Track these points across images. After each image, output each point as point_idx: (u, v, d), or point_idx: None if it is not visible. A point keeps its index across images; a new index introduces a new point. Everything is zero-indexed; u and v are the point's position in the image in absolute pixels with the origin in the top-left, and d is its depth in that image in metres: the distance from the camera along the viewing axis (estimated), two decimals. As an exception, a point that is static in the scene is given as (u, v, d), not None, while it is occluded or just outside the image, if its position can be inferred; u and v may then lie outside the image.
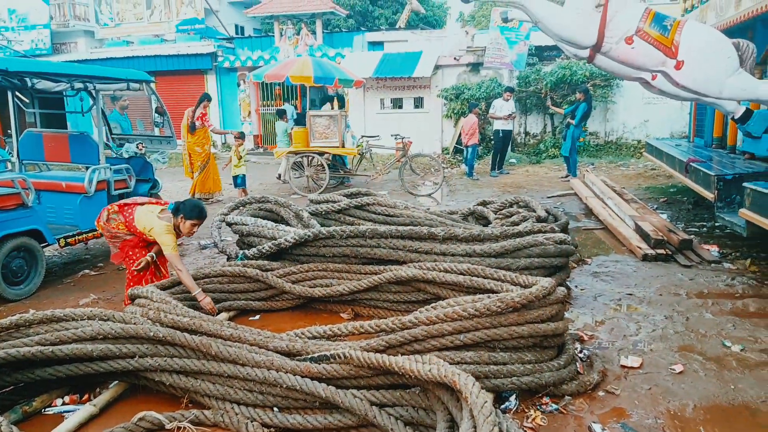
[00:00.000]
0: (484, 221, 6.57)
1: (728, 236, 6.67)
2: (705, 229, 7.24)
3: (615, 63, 6.23)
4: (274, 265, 4.73)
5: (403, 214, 5.94)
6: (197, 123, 9.55)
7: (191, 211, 4.32)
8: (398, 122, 15.88)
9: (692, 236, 6.51)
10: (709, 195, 6.24)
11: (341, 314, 4.53)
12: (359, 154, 10.56)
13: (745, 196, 5.02)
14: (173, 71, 18.78)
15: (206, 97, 9.79)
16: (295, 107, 15.15)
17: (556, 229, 5.00)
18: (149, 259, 4.47)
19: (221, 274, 4.57)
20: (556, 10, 4.70)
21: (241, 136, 9.70)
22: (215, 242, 5.40)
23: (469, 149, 11.95)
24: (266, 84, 17.84)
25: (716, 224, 7.28)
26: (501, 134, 12.35)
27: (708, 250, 6.17)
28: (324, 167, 10.36)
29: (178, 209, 4.33)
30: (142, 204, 4.56)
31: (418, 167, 10.89)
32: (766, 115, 6.25)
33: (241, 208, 5.96)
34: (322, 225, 5.44)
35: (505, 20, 6.53)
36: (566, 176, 11.34)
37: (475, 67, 15.97)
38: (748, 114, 6.19)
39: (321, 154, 10.37)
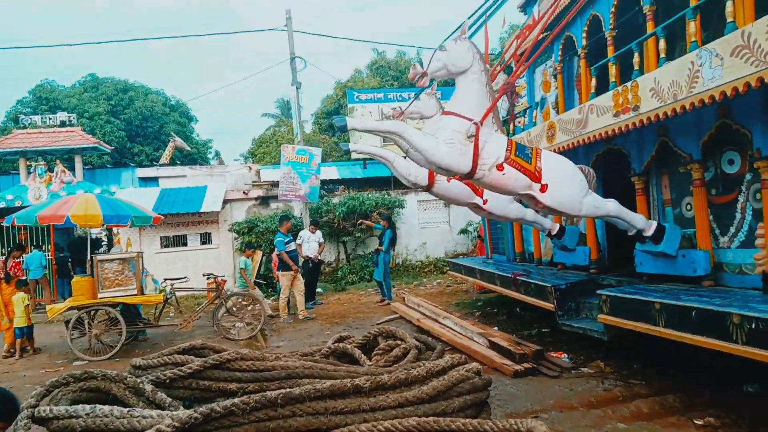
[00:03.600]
0: (348, 359, 6.00)
1: (557, 341, 7.24)
2: (533, 337, 7.76)
3: (450, 191, 6.63)
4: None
5: (275, 366, 5.04)
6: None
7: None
8: (183, 261, 14.60)
9: (540, 347, 6.87)
10: (548, 305, 6.74)
11: None
12: (164, 300, 9.06)
13: (601, 303, 5.50)
14: None
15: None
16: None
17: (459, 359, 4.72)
18: None
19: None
20: (436, 142, 4.77)
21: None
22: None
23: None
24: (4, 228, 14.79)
25: (543, 330, 7.94)
26: (311, 264, 12.05)
27: (557, 357, 6.55)
28: (119, 321, 8.55)
29: None
30: None
31: (233, 307, 9.79)
32: (576, 230, 7.22)
33: (55, 391, 4.34)
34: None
35: (347, 152, 6.51)
36: (382, 300, 11.43)
37: (265, 200, 15.79)
38: (562, 230, 7.08)
39: (114, 305, 8.59)
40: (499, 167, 4.88)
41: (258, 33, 38.73)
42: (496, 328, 8.18)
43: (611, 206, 5.21)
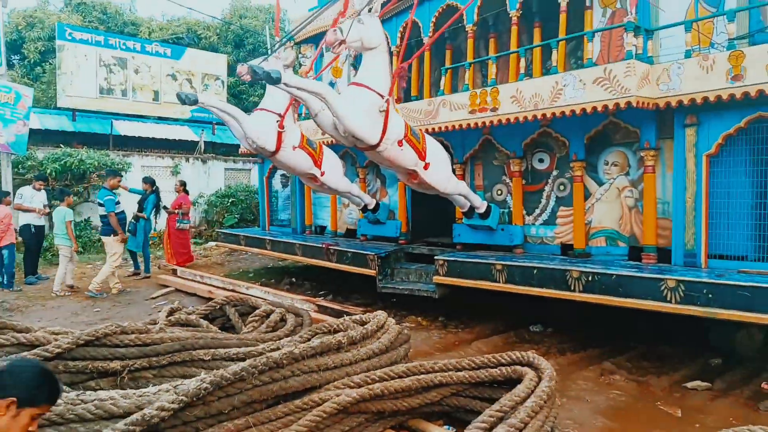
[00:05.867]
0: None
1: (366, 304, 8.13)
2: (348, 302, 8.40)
3: (292, 162, 6.90)
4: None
5: (164, 339, 4.51)
6: None
7: (36, 387, 2.12)
8: None
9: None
10: (369, 272, 7.51)
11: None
12: None
13: (437, 266, 6.55)
14: None
15: None
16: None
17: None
18: None
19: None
20: (354, 110, 5.01)
21: None
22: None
23: (4, 252, 9.02)
24: None
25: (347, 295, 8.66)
26: (33, 230, 9.90)
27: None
28: None
29: None
30: None
31: None
32: (387, 206, 8.20)
33: None
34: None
35: (189, 101, 6.09)
36: (136, 273, 10.28)
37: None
38: (377, 206, 7.99)
39: None
40: (399, 143, 5.43)
41: None
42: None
43: (463, 186, 6.32)
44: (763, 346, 5.40)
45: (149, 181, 10.66)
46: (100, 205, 9.11)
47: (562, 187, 6.36)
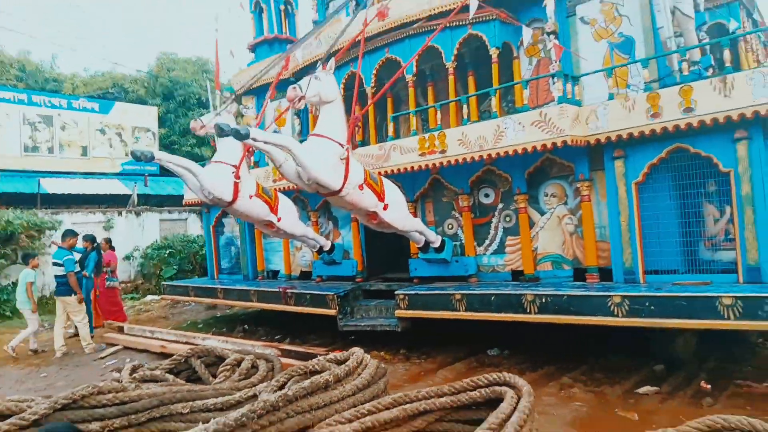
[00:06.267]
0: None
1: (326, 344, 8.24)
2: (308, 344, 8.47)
3: (249, 210, 7.10)
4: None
5: (141, 396, 4.49)
6: None
7: None
8: None
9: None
10: (329, 312, 7.66)
11: None
12: None
13: (398, 301, 6.82)
14: None
15: None
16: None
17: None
18: None
19: None
20: (317, 160, 5.30)
21: None
22: None
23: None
24: None
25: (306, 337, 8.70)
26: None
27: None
28: None
29: None
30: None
31: None
32: (342, 246, 8.45)
33: None
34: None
35: (145, 158, 6.21)
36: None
37: None
38: (332, 247, 8.24)
39: None
40: (360, 187, 5.76)
41: None
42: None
43: (418, 223, 6.70)
44: (698, 350, 6.01)
45: (89, 239, 10.33)
46: (57, 265, 8.78)
47: (508, 219, 6.87)
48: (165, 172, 20.85)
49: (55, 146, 16.83)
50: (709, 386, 5.14)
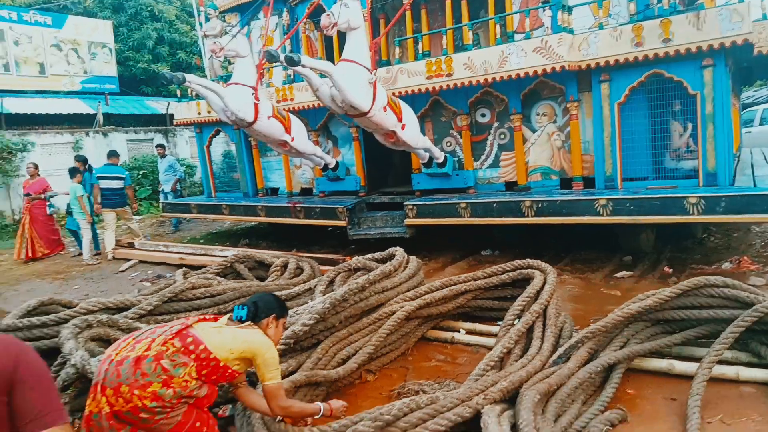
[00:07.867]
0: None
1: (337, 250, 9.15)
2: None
3: (267, 130, 7.67)
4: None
5: (225, 289, 5.35)
6: None
7: (281, 306, 3.13)
8: None
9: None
10: (339, 223, 8.51)
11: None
12: None
13: (407, 211, 7.73)
14: None
15: None
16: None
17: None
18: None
19: None
20: (353, 83, 5.92)
21: None
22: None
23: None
24: None
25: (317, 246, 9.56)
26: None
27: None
28: None
29: (256, 312, 2.99)
30: (190, 326, 2.79)
31: None
32: (344, 164, 9.17)
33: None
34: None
35: (178, 81, 6.66)
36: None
37: None
38: (337, 164, 8.95)
39: None
40: (384, 109, 6.45)
41: None
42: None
43: (428, 141, 7.50)
44: (656, 244, 7.32)
45: (81, 159, 10.55)
46: (108, 179, 9.91)
47: (502, 136, 7.79)
48: (124, 90, 20.32)
49: (11, 63, 16.05)
50: (671, 270, 6.43)
